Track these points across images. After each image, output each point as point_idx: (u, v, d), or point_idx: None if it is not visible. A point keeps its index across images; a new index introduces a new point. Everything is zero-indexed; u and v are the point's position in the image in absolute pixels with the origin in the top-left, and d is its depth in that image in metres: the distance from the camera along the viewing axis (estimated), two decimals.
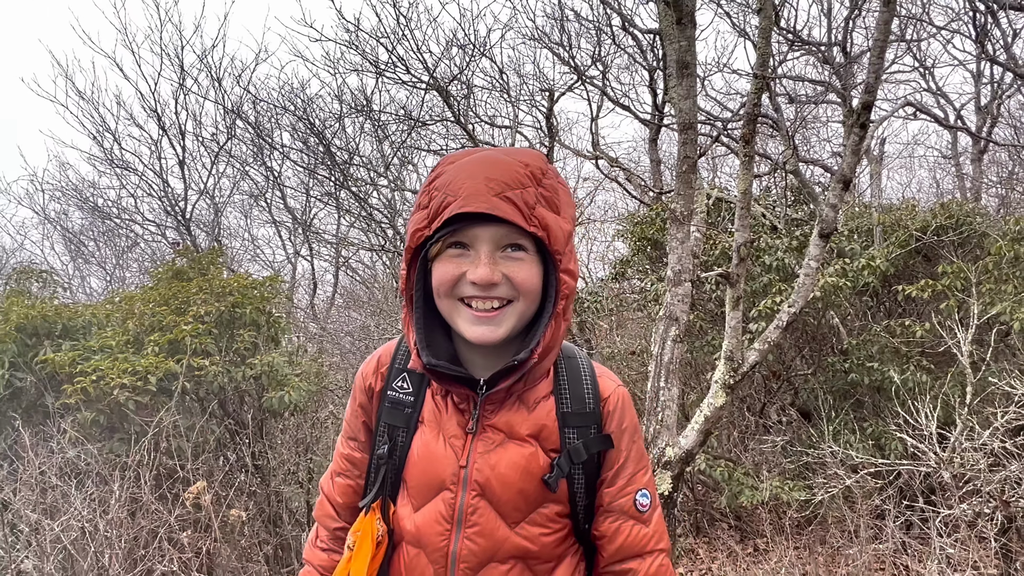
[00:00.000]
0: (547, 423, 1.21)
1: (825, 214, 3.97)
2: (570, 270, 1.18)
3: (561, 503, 1.22)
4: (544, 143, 9.35)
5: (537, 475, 1.19)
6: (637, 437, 1.28)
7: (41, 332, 5.09)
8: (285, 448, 5.53)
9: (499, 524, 1.19)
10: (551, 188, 1.16)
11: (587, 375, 1.27)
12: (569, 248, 1.18)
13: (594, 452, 1.22)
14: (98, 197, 9.65)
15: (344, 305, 10.22)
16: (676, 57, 4.33)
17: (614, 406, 1.26)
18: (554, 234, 1.14)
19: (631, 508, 1.24)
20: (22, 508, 4.12)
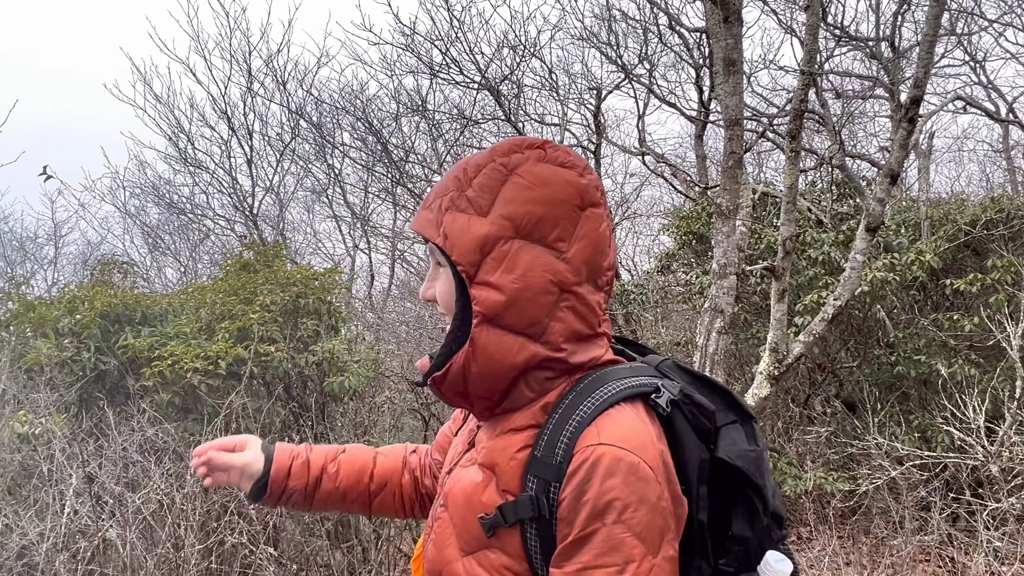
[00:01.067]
0: (501, 459, 1.03)
1: (872, 208, 4.03)
2: (488, 282, 0.99)
3: (511, 557, 1.00)
4: (592, 140, 9.49)
5: (477, 509, 1.02)
6: (614, 521, 0.92)
7: (123, 319, 5.47)
8: (345, 431, 5.82)
9: (451, 542, 1.07)
10: (480, 186, 1.01)
11: (578, 420, 0.98)
12: (493, 255, 0.99)
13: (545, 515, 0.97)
14: (173, 194, 10.28)
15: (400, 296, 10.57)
16: (722, 55, 4.44)
17: (577, 466, 0.95)
18: (453, 240, 1.00)
19: None
20: (107, 481, 4.47)
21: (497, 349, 1.00)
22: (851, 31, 7.54)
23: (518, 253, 0.99)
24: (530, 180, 1.01)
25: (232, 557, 4.39)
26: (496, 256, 0.98)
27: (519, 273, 0.98)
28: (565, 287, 1.01)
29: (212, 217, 10.37)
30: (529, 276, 0.99)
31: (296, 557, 4.79)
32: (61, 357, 5.10)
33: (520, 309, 0.99)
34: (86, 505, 4.23)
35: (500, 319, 0.99)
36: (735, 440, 1.04)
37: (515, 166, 1.01)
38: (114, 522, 4.19)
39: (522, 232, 0.99)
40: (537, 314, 1.00)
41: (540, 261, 0.99)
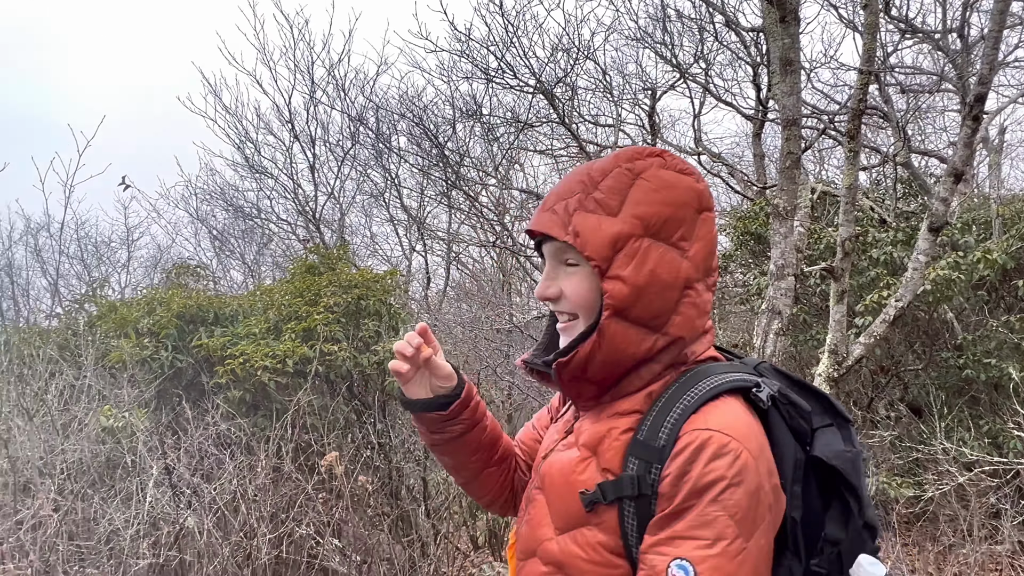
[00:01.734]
0: (607, 439, 1.09)
1: (935, 207, 3.95)
2: (621, 276, 1.06)
3: (607, 534, 1.06)
4: (647, 140, 9.46)
5: (576, 487, 1.09)
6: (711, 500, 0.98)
7: (197, 320, 5.76)
8: (404, 429, 5.98)
9: (546, 522, 1.13)
10: (609, 188, 1.08)
11: (682, 408, 1.05)
12: (624, 251, 1.06)
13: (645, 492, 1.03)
14: (239, 199, 10.73)
15: (455, 297, 10.75)
16: (779, 54, 4.41)
17: (683, 447, 1.01)
18: (585, 238, 1.06)
19: (662, 573, 0.99)
20: (184, 473, 4.72)
21: (622, 340, 1.07)
22: (916, 23, 7.33)
23: (648, 250, 1.07)
24: (656, 184, 1.09)
25: (300, 547, 4.58)
26: (627, 252, 1.06)
27: (648, 269, 1.06)
28: (688, 284, 1.10)
29: (275, 221, 10.78)
30: (657, 272, 1.07)
31: (359, 549, 4.95)
32: (141, 355, 5.40)
33: (647, 303, 1.07)
34: (166, 495, 4.48)
35: (628, 312, 1.07)
36: (831, 441, 1.08)
37: (640, 171, 1.10)
38: (191, 511, 4.42)
39: (651, 231, 1.08)
40: (661, 308, 1.08)
41: (667, 258, 1.08)
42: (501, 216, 9.13)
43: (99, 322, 6.04)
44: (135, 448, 4.67)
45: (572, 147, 9.15)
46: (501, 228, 8.89)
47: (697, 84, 9.39)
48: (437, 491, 5.98)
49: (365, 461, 5.28)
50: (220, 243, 11.66)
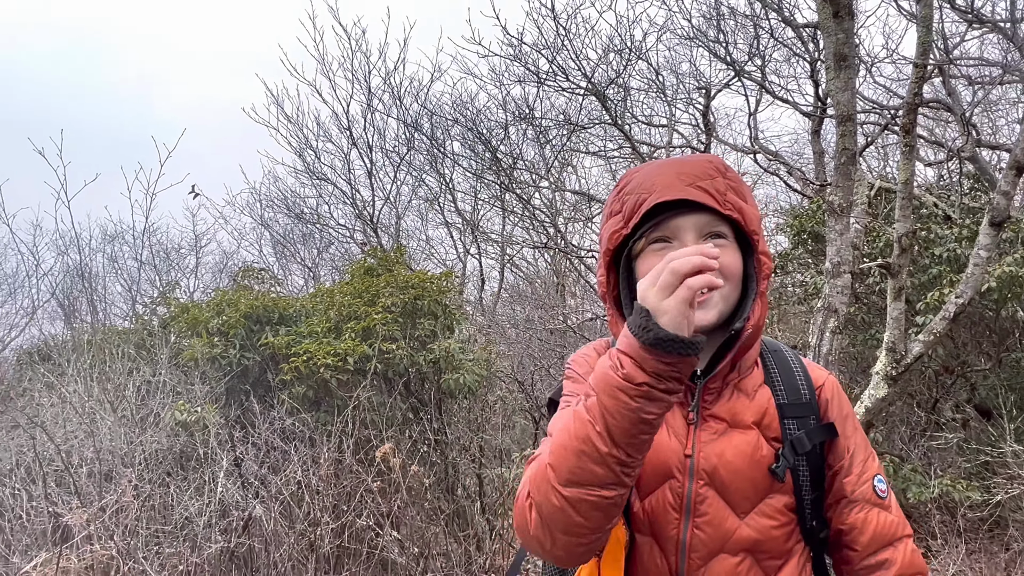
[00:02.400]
0: (769, 410, 1.20)
1: (996, 201, 3.85)
2: (767, 252, 1.20)
3: (787, 495, 1.18)
4: (701, 140, 9.40)
5: (763, 463, 1.16)
6: (858, 423, 1.26)
7: (263, 320, 6.01)
8: (460, 426, 6.12)
9: (728, 514, 1.16)
10: (735, 180, 1.19)
11: (797, 366, 1.26)
12: (762, 231, 1.21)
13: (817, 442, 1.19)
14: (300, 205, 11.15)
15: (509, 299, 10.89)
16: (833, 49, 4.36)
17: (831, 394, 1.24)
18: (748, 216, 1.17)
19: (872, 495, 1.21)
20: (252, 464, 4.95)
21: (766, 309, 1.22)
22: (983, 13, 7.09)
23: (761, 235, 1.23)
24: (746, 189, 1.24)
25: (360, 538, 4.75)
26: (762, 234, 1.21)
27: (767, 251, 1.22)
28: None
29: (334, 227, 11.12)
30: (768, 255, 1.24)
31: (417, 541, 5.09)
32: (212, 354, 5.68)
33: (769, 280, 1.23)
34: (235, 485, 4.71)
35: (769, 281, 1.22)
36: None
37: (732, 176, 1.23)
38: (259, 500, 4.64)
39: None
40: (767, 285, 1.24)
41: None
42: (554, 218, 9.22)
43: (172, 323, 6.37)
44: (207, 440, 4.93)
45: (625, 148, 9.16)
46: (554, 230, 8.97)
47: (752, 82, 9.28)
48: (492, 488, 6.09)
49: (422, 457, 5.42)
50: (282, 248, 12.12)
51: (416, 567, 4.96)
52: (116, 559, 3.84)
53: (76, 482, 4.31)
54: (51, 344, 7.42)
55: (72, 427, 4.91)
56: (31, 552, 3.97)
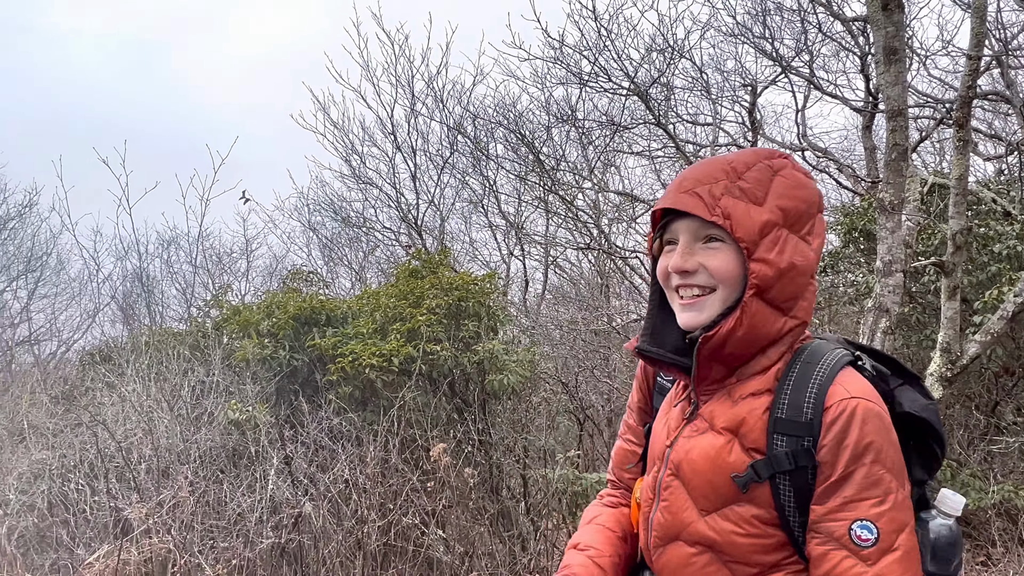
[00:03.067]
0: (749, 419, 1.17)
1: None
2: (766, 259, 1.15)
3: (762, 508, 1.14)
4: (747, 138, 9.26)
5: (726, 469, 1.16)
6: (872, 461, 1.09)
7: (311, 321, 6.14)
8: (503, 427, 6.15)
9: (687, 506, 1.20)
10: (754, 180, 1.18)
11: (817, 382, 1.14)
12: (769, 237, 1.16)
13: (801, 465, 1.12)
14: (347, 209, 11.36)
15: (553, 301, 10.89)
16: (883, 43, 4.26)
17: (835, 417, 1.11)
18: (737, 222, 1.15)
19: (843, 537, 1.09)
20: (301, 463, 5.07)
21: (761, 318, 1.17)
22: None
23: (787, 240, 1.18)
24: (793, 181, 1.22)
25: (406, 536, 4.82)
26: (772, 239, 1.17)
27: (788, 255, 1.17)
28: (812, 273, 1.22)
29: (380, 230, 11.30)
30: (794, 260, 1.18)
31: (462, 540, 5.14)
32: (262, 354, 5.83)
33: (784, 286, 1.18)
34: (285, 482, 4.83)
35: (768, 292, 1.17)
36: (914, 397, 1.21)
37: (778, 168, 1.22)
38: (308, 498, 4.75)
39: (788, 222, 1.19)
40: (793, 292, 1.19)
41: (799, 248, 1.19)
42: (598, 219, 9.19)
43: (224, 325, 6.56)
44: (258, 439, 5.07)
45: (669, 147, 9.08)
46: (598, 231, 8.94)
47: (800, 77, 9.10)
48: (536, 488, 6.10)
49: (466, 457, 5.47)
50: (329, 251, 12.37)
51: (461, 566, 5.01)
52: (173, 552, 3.98)
53: (135, 478, 4.48)
54: (111, 345, 7.73)
55: (131, 425, 5.10)
56: (94, 544, 4.15)
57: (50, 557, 4.08)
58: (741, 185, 1.18)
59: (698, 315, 1.20)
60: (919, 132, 8.82)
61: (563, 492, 6.02)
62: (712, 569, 1.18)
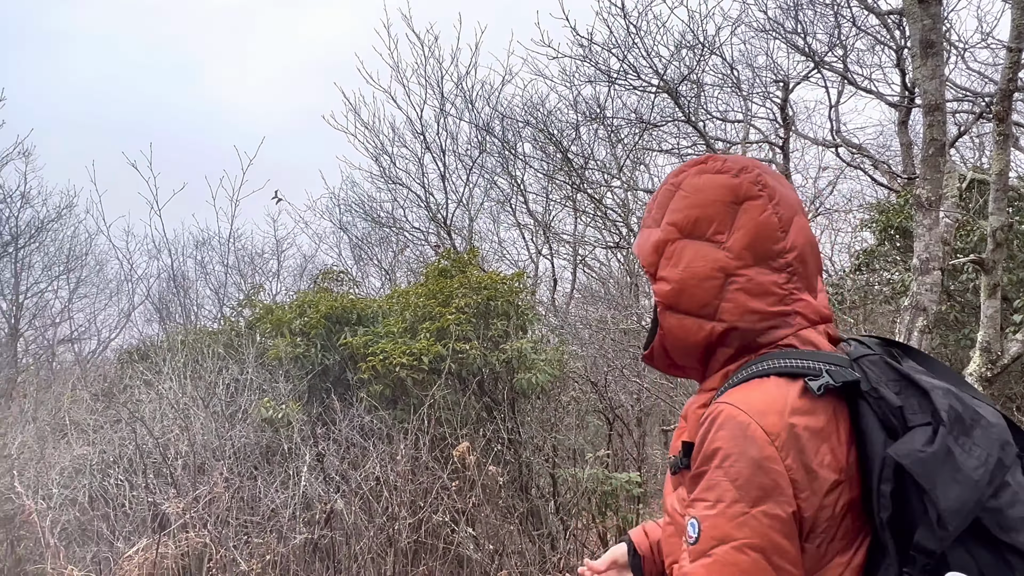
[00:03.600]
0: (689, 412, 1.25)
1: None
2: (662, 276, 1.22)
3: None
4: (779, 135, 9.14)
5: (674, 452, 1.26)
6: (715, 466, 1.07)
7: (342, 320, 6.21)
8: (533, 426, 6.16)
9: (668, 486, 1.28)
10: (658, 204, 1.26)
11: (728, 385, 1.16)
12: (665, 254, 1.22)
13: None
14: (377, 209, 11.48)
15: (582, 300, 10.87)
16: (919, 36, 4.18)
17: (703, 419, 1.13)
18: (639, 251, 1.28)
19: (684, 531, 1.12)
20: (333, 460, 5.13)
21: (680, 329, 1.21)
22: None
23: (683, 250, 1.20)
24: (688, 190, 1.23)
25: (437, 534, 4.85)
26: (667, 255, 1.21)
27: (684, 265, 1.19)
28: (728, 271, 1.17)
29: (409, 230, 11.39)
30: (693, 266, 1.18)
31: (492, 539, 5.16)
32: (294, 353, 5.92)
33: (689, 294, 1.19)
34: (318, 479, 4.90)
35: (676, 305, 1.20)
36: (912, 440, 1.03)
37: (680, 183, 1.25)
38: (340, 495, 4.81)
39: (684, 232, 1.21)
40: (705, 297, 1.18)
41: (701, 253, 1.19)
42: (627, 218, 9.15)
43: (257, 324, 6.67)
44: (291, 436, 5.15)
45: (699, 145, 9.00)
46: (627, 230, 8.90)
47: (834, 73, 8.96)
48: (566, 488, 6.10)
49: (496, 455, 5.49)
50: (360, 250, 12.50)
51: (491, 564, 5.03)
52: (209, 547, 4.06)
53: (172, 474, 4.58)
54: (148, 344, 7.90)
55: (168, 422, 5.21)
56: (133, 538, 4.25)
57: (91, 550, 4.18)
58: (650, 215, 1.26)
59: None
60: (957, 127, 8.63)
61: (592, 492, 6.01)
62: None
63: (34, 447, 4.93)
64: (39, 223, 12.19)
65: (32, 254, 12.48)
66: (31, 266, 12.58)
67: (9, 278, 12.16)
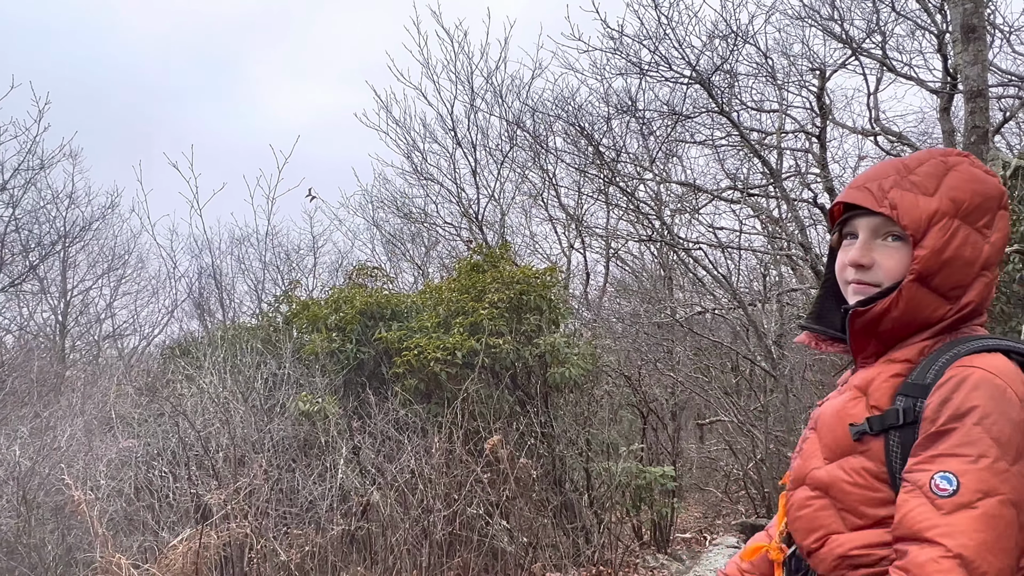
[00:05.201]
0: (877, 380, 1.23)
1: None
2: (930, 247, 1.19)
3: (872, 461, 1.19)
4: (815, 124, 8.96)
5: (847, 421, 1.23)
6: (973, 423, 1.09)
7: (376, 315, 6.28)
8: (566, 419, 6.16)
9: (816, 455, 1.28)
10: (925, 174, 1.23)
11: (952, 354, 1.18)
12: (938, 226, 1.19)
13: (910, 421, 1.16)
14: (409, 205, 11.59)
15: (615, 293, 10.83)
16: (961, 21, 4.07)
17: (945, 380, 1.14)
18: (904, 211, 1.21)
19: (924, 485, 1.10)
20: (369, 453, 5.21)
21: (918, 303, 1.22)
22: None
23: (957, 229, 1.20)
24: (968, 176, 1.24)
25: (471, 526, 4.90)
26: (940, 228, 1.20)
27: (955, 245, 1.20)
28: (985, 265, 1.23)
29: (441, 225, 11.46)
30: (963, 250, 1.20)
31: (526, 531, 5.19)
32: (330, 348, 6.00)
33: (948, 274, 1.20)
34: (354, 472, 4.98)
35: (930, 279, 1.21)
36: None
37: (953, 164, 1.25)
38: (376, 487, 4.88)
39: (961, 213, 1.22)
40: (961, 280, 1.21)
41: (971, 240, 1.21)
42: (659, 211, 9.07)
43: (294, 319, 6.78)
44: (327, 430, 5.24)
45: (733, 136, 8.88)
46: (660, 223, 8.83)
47: (872, 59, 8.76)
48: (599, 481, 6.10)
49: (529, 449, 5.51)
50: (392, 246, 12.63)
51: (525, 556, 5.06)
52: (250, 537, 4.16)
53: (214, 466, 4.70)
54: (189, 340, 8.08)
55: (209, 416, 5.34)
56: (177, 528, 4.37)
57: (137, 539, 4.31)
58: (912, 179, 1.23)
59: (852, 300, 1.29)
60: (1002, 112, 8.37)
61: (626, 485, 6.01)
62: (826, 513, 1.24)
63: (82, 440, 5.09)
64: (85, 222, 12.55)
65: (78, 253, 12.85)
66: (76, 265, 12.96)
67: (57, 276, 12.54)
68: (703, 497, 9.08)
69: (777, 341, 8.45)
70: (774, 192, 9.25)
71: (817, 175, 9.19)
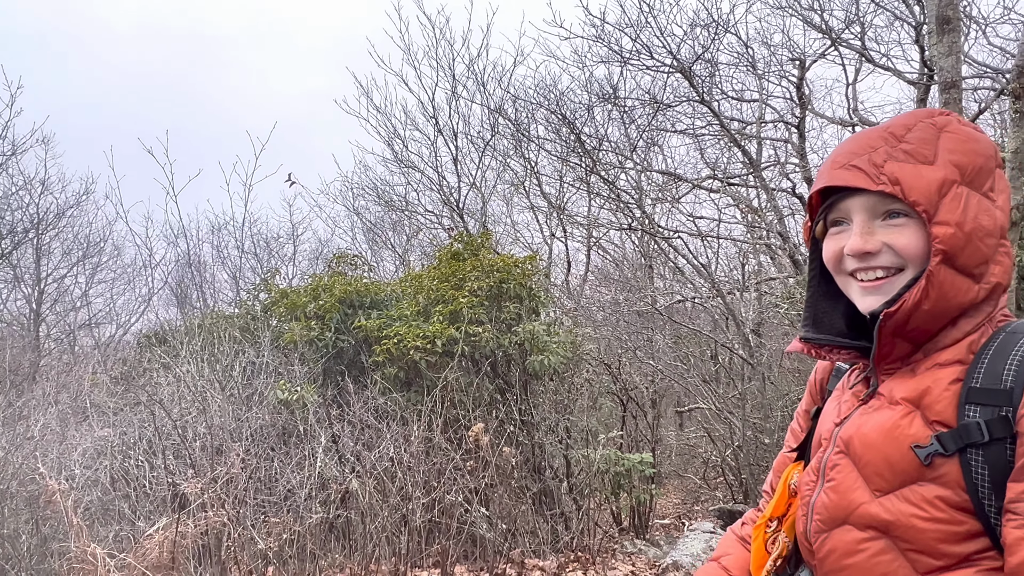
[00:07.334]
0: (934, 389, 1.04)
1: None
2: (950, 221, 1.03)
3: (949, 488, 0.99)
4: (795, 114, 9.03)
5: (904, 443, 1.02)
6: None
7: (356, 304, 6.27)
8: (546, 407, 6.20)
9: (858, 485, 1.07)
10: (918, 139, 1.07)
11: (1022, 351, 1.01)
12: (950, 196, 1.04)
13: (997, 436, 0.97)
14: (390, 193, 11.54)
15: (596, 282, 10.87)
16: (936, 12, 4.11)
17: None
18: (909, 185, 1.04)
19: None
20: (348, 441, 5.21)
21: (950, 287, 1.04)
22: None
23: (968, 197, 1.05)
24: (963, 136, 1.08)
25: (450, 514, 4.92)
26: (952, 198, 1.04)
27: (972, 215, 1.04)
28: (1002, 233, 1.08)
29: (422, 213, 11.42)
30: (981, 219, 1.04)
31: (505, 518, 5.22)
32: (309, 336, 5.98)
33: (973, 249, 1.04)
34: (333, 460, 4.98)
35: (956, 258, 1.04)
36: None
37: (943, 125, 1.09)
38: (355, 475, 4.88)
39: (966, 178, 1.06)
40: (984, 256, 1.05)
41: (984, 206, 1.06)
42: (640, 199, 9.10)
43: (273, 308, 6.74)
44: (306, 418, 5.22)
45: (713, 125, 8.92)
46: (641, 212, 8.86)
47: (851, 50, 8.81)
48: (579, 468, 6.15)
49: (509, 436, 5.54)
50: (373, 234, 12.56)
51: (504, 543, 5.09)
52: (227, 525, 4.14)
53: (191, 455, 4.67)
54: (167, 328, 8.01)
55: (186, 404, 5.30)
56: (153, 517, 4.35)
57: (113, 528, 4.29)
58: (904, 148, 1.06)
59: (882, 298, 1.09)
60: (978, 104, 8.47)
61: (605, 472, 6.06)
62: (887, 558, 1.03)
63: (56, 429, 5.04)
64: (58, 210, 12.35)
65: (52, 240, 12.65)
66: (51, 252, 12.76)
67: (31, 264, 12.34)
68: (682, 483, 9.18)
69: (755, 329, 8.54)
70: (753, 181, 9.32)
71: (796, 165, 9.27)
